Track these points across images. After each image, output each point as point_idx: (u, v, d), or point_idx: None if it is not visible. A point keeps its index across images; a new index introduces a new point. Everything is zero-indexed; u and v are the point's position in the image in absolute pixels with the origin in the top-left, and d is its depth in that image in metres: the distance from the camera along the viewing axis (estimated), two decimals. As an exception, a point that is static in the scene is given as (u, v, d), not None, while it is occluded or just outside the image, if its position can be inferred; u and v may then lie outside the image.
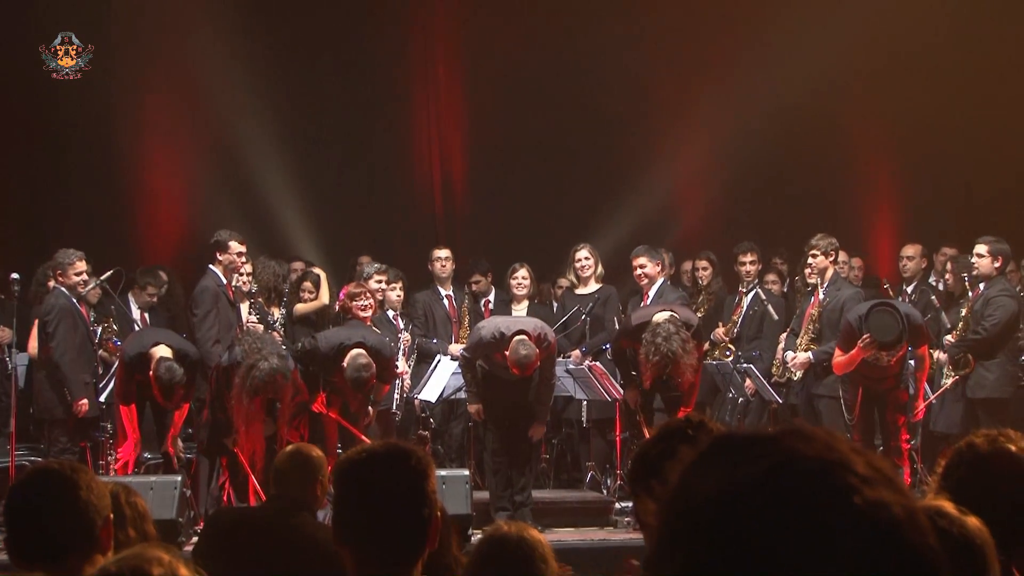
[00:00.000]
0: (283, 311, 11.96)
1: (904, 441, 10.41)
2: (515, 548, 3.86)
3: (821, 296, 11.42)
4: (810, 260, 11.42)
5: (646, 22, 15.22)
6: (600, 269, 12.22)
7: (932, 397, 11.34)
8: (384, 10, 15.55)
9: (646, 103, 15.33)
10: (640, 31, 15.21)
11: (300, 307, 12.04)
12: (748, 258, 12.23)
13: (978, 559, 2.54)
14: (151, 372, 9.55)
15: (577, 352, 11.63)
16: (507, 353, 9.86)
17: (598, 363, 11.13)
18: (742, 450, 1.22)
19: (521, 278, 12.39)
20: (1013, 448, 3.12)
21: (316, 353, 10.19)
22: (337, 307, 11.03)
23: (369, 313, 10.75)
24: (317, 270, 12.57)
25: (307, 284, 12.25)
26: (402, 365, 11.39)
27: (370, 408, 10.38)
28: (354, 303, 10.70)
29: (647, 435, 10.21)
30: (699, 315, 12.29)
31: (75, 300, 10.75)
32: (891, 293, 12.62)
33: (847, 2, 14.18)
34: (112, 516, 3.36)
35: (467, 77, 15.78)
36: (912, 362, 10.71)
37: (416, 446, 3.39)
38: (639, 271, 11.56)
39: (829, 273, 11.40)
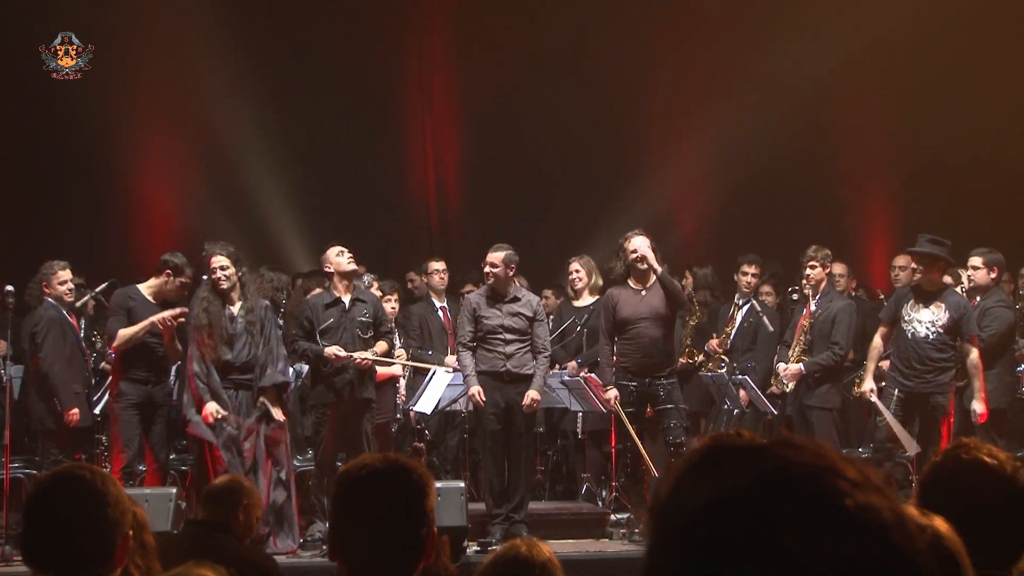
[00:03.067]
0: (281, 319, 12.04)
1: None
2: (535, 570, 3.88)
3: (813, 307, 11.43)
4: (808, 271, 11.42)
5: (642, 37, 15.28)
6: (596, 281, 12.19)
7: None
8: (380, 26, 15.59)
9: (641, 116, 15.39)
10: (636, 46, 15.26)
11: None
12: (751, 269, 12.20)
13: (949, 560, 2.57)
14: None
15: (573, 364, 11.64)
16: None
17: (593, 375, 11.11)
18: (733, 458, 1.23)
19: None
20: (989, 460, 3.16)
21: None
22: None
23: None
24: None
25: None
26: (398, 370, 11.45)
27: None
28: None
29: (640, 445, 10.26)
30: (692, 323, 12.38)
31: (64, 311, 10.74)
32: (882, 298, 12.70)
33: (840, 16, 14.17)
34: (131, 532, 3.32)
35: (461, 92, 15.82)
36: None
37: (417, 462, 3.37)
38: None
39: (822, 284, 11.42)
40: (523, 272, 12.55)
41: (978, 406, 10.31)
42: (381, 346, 10.64)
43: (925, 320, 10.45)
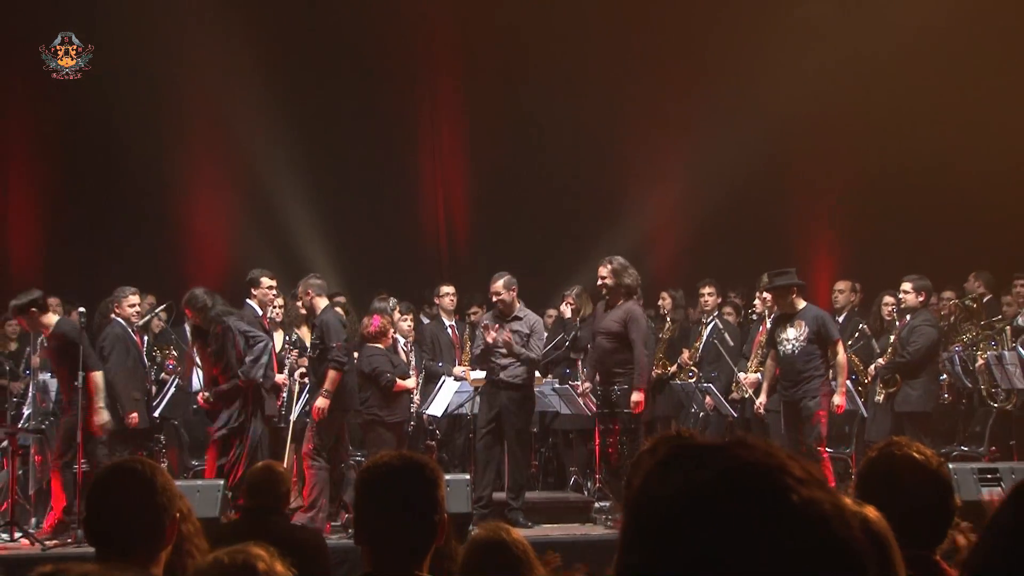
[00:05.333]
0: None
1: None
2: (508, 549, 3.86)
3: (768, 326, 11.46)
4: (765, 295, 11.47)
5: (622, 92, 15.27)
6: (586, 310, 12.20)
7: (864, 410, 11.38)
8: (396, 80, 15.56)
9: (622, 159, 15.39)
10: (617, 99, 15.27)
11: None
12: (707, 290, 12.34)
13: (882, 545, 2.57)
14: None
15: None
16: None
17: (578, 383, 11.12)
18: (696, 458, 1.23)
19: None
20: (917, 456, 3.18)
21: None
22: (372, 331, 10.93)
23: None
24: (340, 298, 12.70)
25: (337, 309, 12.39)
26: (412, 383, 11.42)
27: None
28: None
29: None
30: (666, 338, 12.38)
31: (130, 329, 10.76)
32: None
33: (790, 74, 14.16)
34: (178, 515, 3.34)
35: (467, 138, 15.81)
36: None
37: (429, 458, 3.37)
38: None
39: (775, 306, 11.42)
40: (522, 293, 12.56)
41: (837, 399, 10.16)
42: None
43: (791, 338, 10.36)
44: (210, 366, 10.29)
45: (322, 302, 10.53)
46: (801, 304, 10.46)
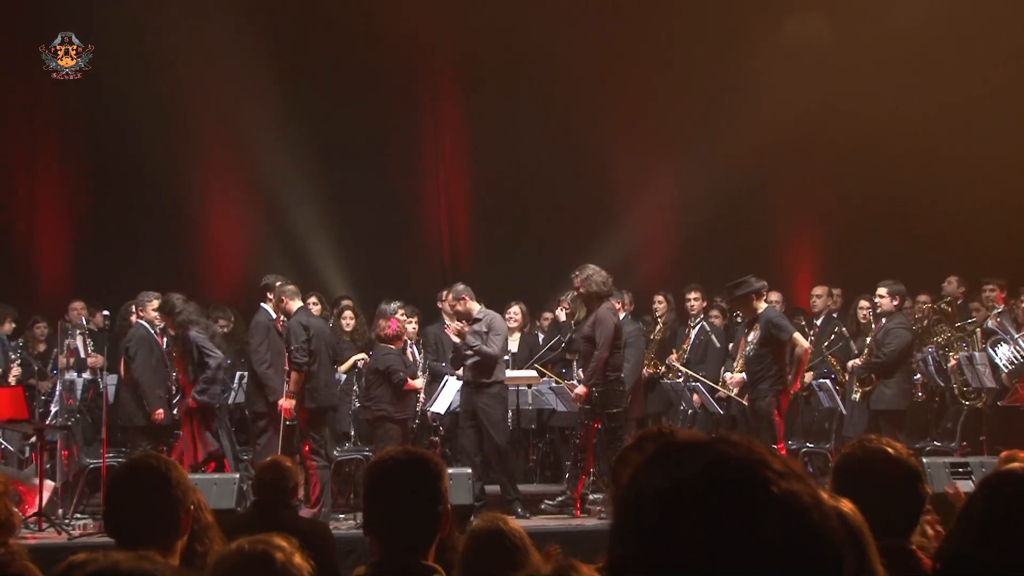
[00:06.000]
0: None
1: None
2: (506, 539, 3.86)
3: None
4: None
5: (616, 110, 15.24)
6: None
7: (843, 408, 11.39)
8: (402, 95, 15.54)
9: (615, 174, 15.38)
10: (611, 117, 15.22)
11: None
12: (693, 295, 12.36)
13: (857, 537, 2.58)
14: None
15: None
16: None
17: (573, 382, 11.12)
18: (682, 453, 1.23)
19: (514, 313, 12.42)
20: (889, 450, 3.19)
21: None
22: (389, 333, 10.96)
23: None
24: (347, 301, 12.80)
25: (348, 313, 12.37)
26: (420, 383, 11.43)
27: None
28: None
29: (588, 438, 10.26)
30: (656, 339, 12.40)
31: (152, 331, 10.78)
32: (804, 324, 12.74)
33: (774, 94, 14.16)
34: (192, 507, 3.34)
35: (468, 152, 15.80)
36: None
37: (432, 453, 3.37)
38: None
39: (762, 309, 11.42)
40: (520, 297, 12.55)
41: (790, 379, 10.24)
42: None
43: (750, 342, 10.44)
44: (179, 369, 10.39)
45: (295, 305, 10.54)
46: (761, 308, 10.48)
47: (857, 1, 14.55)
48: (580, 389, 10.17)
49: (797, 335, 10.42)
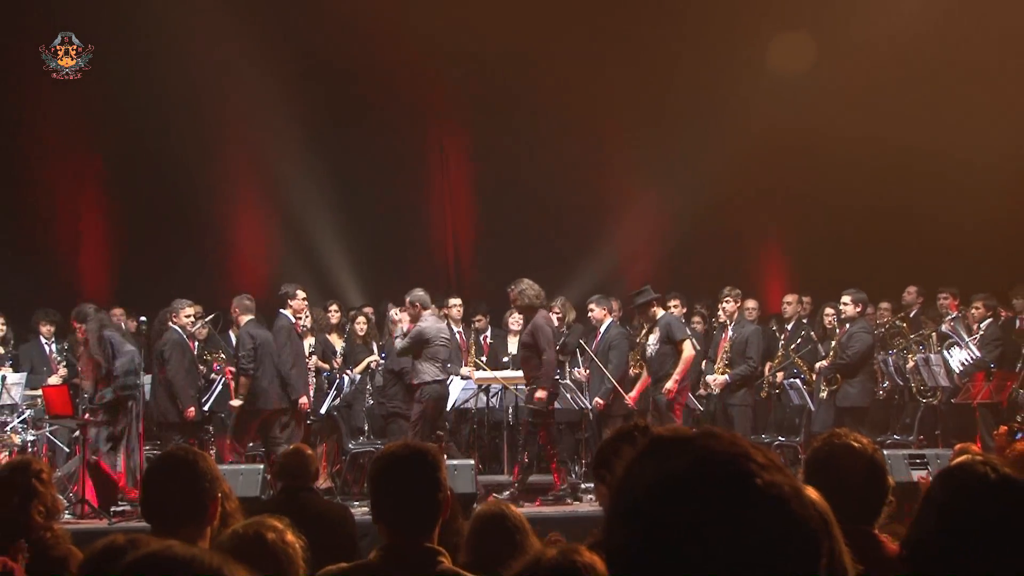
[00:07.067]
0: (344, 343, 12.16)
1: None
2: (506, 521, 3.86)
3: (730, 333, 11.48)
4: (723, 305, 11.53)
5: (602, 136, 15.28)
6: (569, 316, 12.22)
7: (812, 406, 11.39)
8: (413, 124, 15.53)
9: (604, 194, 15.39)
10: (597, 142, 15.26)
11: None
12: (673, 303, 12.31)
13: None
14: None
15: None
16: None
17: (568, 382, 11.11)
18: (671, 448, 1.22)
19: (513, 320, 12.40)
20: (855, 444, 3.19)
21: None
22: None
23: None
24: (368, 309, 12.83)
25: (360, 319, 12.37)
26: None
27: None
28: None
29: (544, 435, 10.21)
30: (640, 342, 12.37)
31: (185, 335, 10.77)
32: (775, 328, 12.76)
33: (745, 118, 14.14)
34: (220, 496, 3.35)
35: (472, 174, 15.82)
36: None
37: (431, 444, 3.38)
38: (590, 314, 11.64)
39: (735, 315, 11.47)
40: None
41: (668, 384, 10.18)
42: None
43: (651, 343, 10.42)
44: (90, 371, 10.20)
45: (245, 318, 10.57)
46: (660, 314, 10.49)
47: (830, 27, 14.43)
48: (540, 393, 10.04)
49: (687, 343, 10.32)
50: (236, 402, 10.19)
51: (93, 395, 10.12)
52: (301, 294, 10.84)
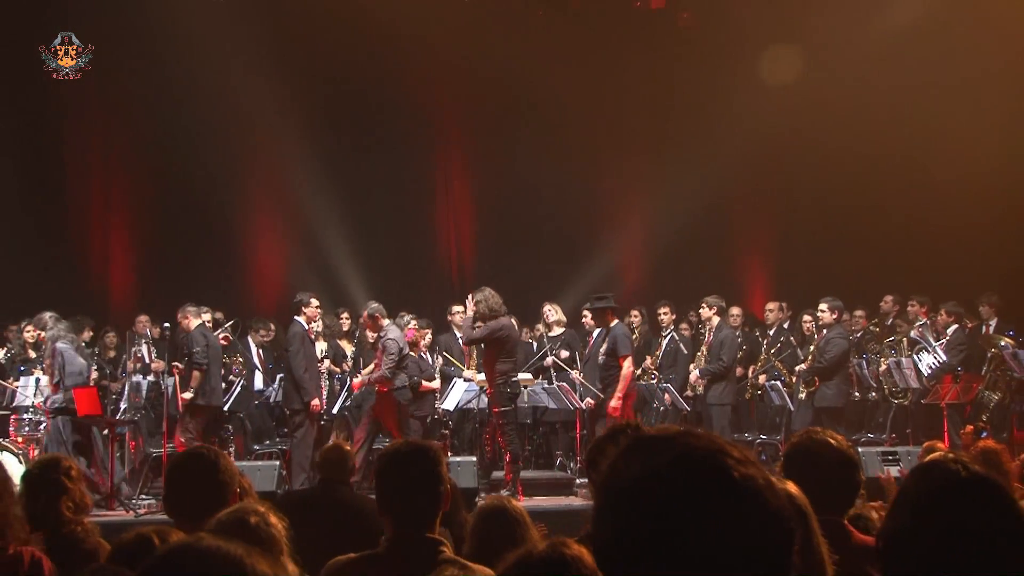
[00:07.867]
0: (355, 347, 12.16)
1: None
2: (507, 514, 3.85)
3: (711, 337, 11.53)
4: (700, 311, 11.60)
5: (596, 153, 15.26)
6: (560, 318, 12.21)
7: (792, 406, 11.39)
8: (417, 143, 15.53)
9: (599, 207, 15.39)
10: (592, 158, 15.24)
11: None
12: (663, 310, 12.35)
13: (802, 514, 2.59)
14: None
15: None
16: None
17: (564, 383, 11.10)
18: (653, 446, 1.23)
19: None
20: (831, 441, 3.21)
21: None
22: (407, 341, 10.96)
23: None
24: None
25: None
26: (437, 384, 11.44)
27: None
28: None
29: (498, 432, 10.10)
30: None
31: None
32: (758, 334, 12.75)
33: (730, 134, 14.12)
34: (239, 490, 3.35)
35: (474, 188, 15.80)
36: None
37: (432, 442, 3.39)
38: (584, 319, 11.63)
39: (715, 321, 11.51)
40: (514, 310, 12.52)
41: (613, 402, 10.02)
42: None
43: (602, 352, 10.31)
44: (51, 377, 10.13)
45: (194, 323, 10.55)
46: (614, 323, 10.43)
47: (817, 42, 14.38)
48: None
49: (628, 360, 10.15)
50: (188, 395, 10.18)
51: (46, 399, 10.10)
52: (315, 302, 10.82)
